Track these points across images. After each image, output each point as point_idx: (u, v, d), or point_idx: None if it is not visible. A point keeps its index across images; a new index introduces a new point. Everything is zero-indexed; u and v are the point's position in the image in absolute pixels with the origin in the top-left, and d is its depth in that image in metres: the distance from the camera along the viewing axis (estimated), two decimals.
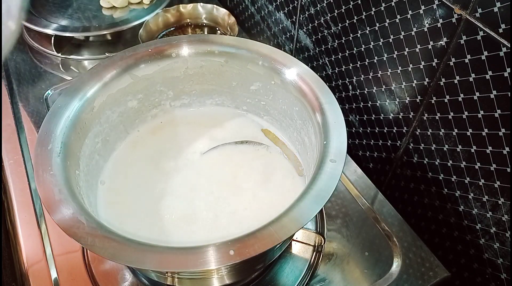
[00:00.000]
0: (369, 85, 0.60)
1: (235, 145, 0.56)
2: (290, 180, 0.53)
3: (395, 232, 0.55)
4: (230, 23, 0.79)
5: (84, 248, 0.53)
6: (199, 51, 0.55)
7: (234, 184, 0.53)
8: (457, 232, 0.55)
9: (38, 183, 0.40)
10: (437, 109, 0.50)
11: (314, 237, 0.54)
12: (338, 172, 0.41)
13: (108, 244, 0.36)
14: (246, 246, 0.36)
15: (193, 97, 0.60)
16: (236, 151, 0.56)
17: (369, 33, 0.56)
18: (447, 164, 0.52)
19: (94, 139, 0.51)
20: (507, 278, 0.50)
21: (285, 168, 0.55)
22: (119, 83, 0.52)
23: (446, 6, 0.44)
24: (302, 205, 0.39)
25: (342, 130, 0.45)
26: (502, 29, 0.40)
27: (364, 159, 0.68)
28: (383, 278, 0.51)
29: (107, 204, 0.50)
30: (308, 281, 0.52)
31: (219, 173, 0.54)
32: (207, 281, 0.48)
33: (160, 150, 0.56)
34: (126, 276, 0.51)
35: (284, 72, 0.52)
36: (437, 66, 0.48)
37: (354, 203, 0.59)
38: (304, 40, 0.71)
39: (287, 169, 0.55)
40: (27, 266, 0.52)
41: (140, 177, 0.54)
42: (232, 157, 0.56)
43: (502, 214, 0.47)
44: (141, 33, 0.76)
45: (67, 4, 0.87)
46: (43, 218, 0.56)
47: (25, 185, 0.60)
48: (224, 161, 0.55)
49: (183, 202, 0.51)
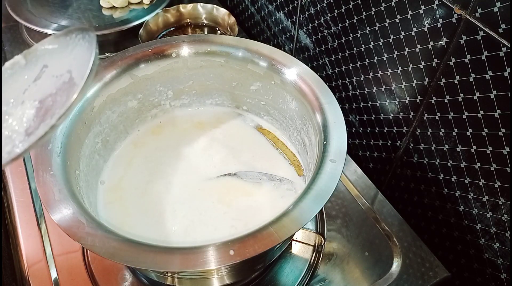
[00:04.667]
0: (369, 85, 0.60)
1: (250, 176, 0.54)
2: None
3: (395, 232, 0.55)
4: (230, 23, 0.79)
5: (84, 248, 0.53)
6: (199, 51, 0.55)
7: (235, 184, 0.53)
8: (457, 232, 0.55)
9: (38, 183, 0.41)
10: (437, 109, 0.50)
11: (314, 237, 0.54)
12: (338, 172, 0.41)
13: (108, 244, 0.36)
14: (246, 246, 0.36)
15: (193, 97, 0.60)
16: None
17: (369, 33, 0.56)
18: (447, 164, 0.52)
19: (94, 139, 0.51)
20: (507, 278, 0.50)
21: (285, 169, 0.55)
22: (119, 83, 0.52)
23: (446, 6, 0.44)
24: (302, 205, 0.39)
25: (342, 130, 0.45)
26: (502, 29, 0.40)
27: (364, 159, 0.68)
28: (383, 278, 0.51)
29: (107, 204, 0.50)
30: (308, 281, 0.52)
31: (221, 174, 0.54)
32: (207, 281, 0.48)
33: (160, 150, 0.56)
34: (126, 276, 0.51)
35: (284, 72, 0.52)
36: (437, 66, 0.48)
37: (354, 203, 0.59)
38: (304, 40, 0.71)
39: (287, 169, 0.55)
40: (27, 266, 0.52)
41: (140, 177, 0.53)
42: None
43: (502, 214, 0.47)
44: (141, 33, 0.76)
45: (67, 4, 0.87)
46: (43, 218, 0.56)
47: (25, 185, 0.60)
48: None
49: (183, 202, 0.51)
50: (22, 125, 0.30)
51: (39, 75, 0.32)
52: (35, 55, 0.33)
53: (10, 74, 0.33)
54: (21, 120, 0.30)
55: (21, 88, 0.32)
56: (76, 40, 0.32)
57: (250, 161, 0.55)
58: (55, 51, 0.33)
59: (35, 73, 0.33)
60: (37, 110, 0.30)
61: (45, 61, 0.33)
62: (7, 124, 0.30)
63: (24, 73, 0.33)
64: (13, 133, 0.30)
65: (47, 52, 0.33)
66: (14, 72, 0.33)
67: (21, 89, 0.32)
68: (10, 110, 0.31)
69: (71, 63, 0.31)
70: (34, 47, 0.34)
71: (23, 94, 0.32)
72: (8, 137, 0.30)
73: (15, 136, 0.30)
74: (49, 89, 0.31)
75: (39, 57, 0.33)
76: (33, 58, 0.33)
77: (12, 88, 0.32)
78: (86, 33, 0.32)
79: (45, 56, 0.33)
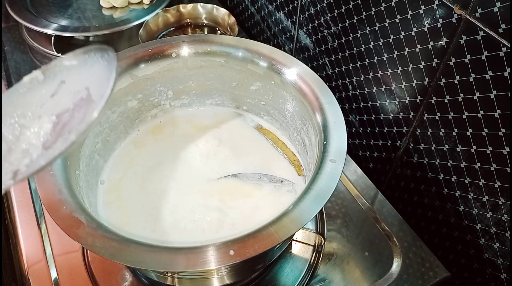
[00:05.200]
0: (369, 85, 0.60)
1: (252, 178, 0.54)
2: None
3: (395, 232, 0.55)
4: (230, 23, 0.79)
5: (84, 248, 0.53)
6: (199, 51, 0.55)
7: (235, 185, 0.53)
8: (457, 232, 0.55)
9: (38, 183, 0.41)
10: (437, 109, 0.50)
11: (314, 237, 0.54)
12: (338, 172, 0.41)
13: (108, 244, 0.36)
14: (246, 246, 0.36)
15: (193, 97, 0.60)
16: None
17: (369, 33, 0.56)
18: (447, 164, 0.52)
19: (94, 139, 0.51)
20: (507, 278, 0.50)
21: (285, 168, 0.55)
22: (119, 83, 0.52)
23: (446, 6, 0.44)
24: (302, 205, 0.39)
25: (342, 130, 0.45)
26: (502, 29, 0.40)
27: (364, 159, 0.68)
28: (383, 278, 0.51)
29: (107, 204, 0.50)
30: (308, 281, 0.52)
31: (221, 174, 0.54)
32: (207, 281, 0.48)
33: (160, 150, 0.56)
34: (126, 276, 0.51)
35: (284, 72, 0.52)
36: (437, 66, 0.48)
37: (354, 203, 0.59)
38: (304, 40, 0.71)
39: (287, 169, 0.55)
40: (27, 266, 0.52)
41: (140, 177, 0.54)
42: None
43: (502, 214, 0.47)
44: (141, 33, 0.76)
45: (67, 4, 0.87)
46: (43, 218, 0.56)
47: (25, 185, 0.60)
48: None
49: (183, 202, 0.51)
50: (39, 139, 0.31)
51: (57, 91, 0.33)
52: (54, 71, 0.34)
53: (28, 88, 0.34)
54: (39, 134, 0.31)
55: (38, 102, 0.33)
56: (95, 58, 0.33)
57: (250, 161, 0.55)
58: (73, 68, 0.34)
59: (53, 88, 0.33)
60: (54, 124, 0.31)
61: (63, 77, 0.34)
62: (25, 137, 0.31)
63: (42, 88, 0.34)
64: (30, 146, 0.30)
65: (65, 69, 0.34)
66: (32, 86, 0.34)
67: (38, 104, 0.33)
68: (28, 124, 0.32)
69: (89, 80, 0.32)
70: (53, 63, 0.34)
71: (40, 108, 0.32)
72: (25, 151, 0.30)
73: (32, 150, 0.30)
74: (67, 104, 0.32)
75: (57, 73, 0.34)
76: (51, 74, 0.34)
77: (30, 103, 0.33)
78: (105, 52, 0.32)
79: (63, 72, 0.34)
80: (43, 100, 0.33)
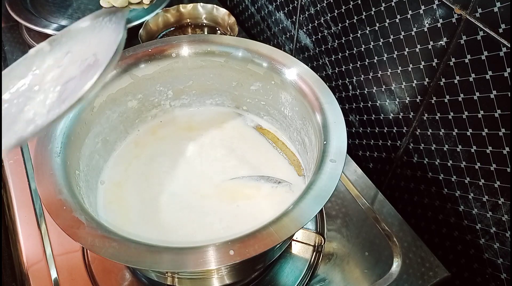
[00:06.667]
0: (369, 85, 0.60)
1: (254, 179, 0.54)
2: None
3: (395, 232, 0.55)
4: (230, 23, 0.79)
5: (84, 248, 0.53)
6: (199, 51, 0.55)
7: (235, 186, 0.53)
8: (457, 232, 0.55)
9: (38, 183, 0.40)
10: (437, 109, 0.50)
11: (314, 237, 0.54)
12: (338, 172, 0.41)
13: (108, 244, 0.36)
14: (246, 246, 0.36)
15: (193, 97, 0.60)
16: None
17: (369, 33, 0.56)
18: (447, 164, 0.52)
19: (94, 139, 0.51)
20: (507, 278, 0.50)
21: (285, 168, 0.55)
22: (119, 83, 0.52)
23: (446, 6, 0.44)
24: (302, 205, 0.39)
25: (342, 130, 0.44)
26: (502, 29, 0.40)
27: (364, 159, 0.68)
28: (383, 278, 0.51)
29: (107, 204, 0.50)
30: (308, 281, 0.52)
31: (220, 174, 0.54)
32: (207, 281, 0.48)
33: (160, 150, 0.56)
34: (126, 276, 0.51)
35: (284, 72, 0.52)
36: (437, 66, 0.48)
37: (354, 203, 0.59)
38: (304, 40, 0.71)
39: (287, 169, 0.55)
40: (27, 266, 0.52)
41: (140, 177, 0.54)
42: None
43: (502, 214, 0.47)
44: (141, 33, 0.76)
45: (67, 4, 0.87)
46: (43, 218, 0.56)
47: (25, 185, 0.60)
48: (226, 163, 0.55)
49: (183, 202, 0.51)
50: (44, 107, 0.30)
51: (63, 60, 0.32)
52: (60, 41, 0.33)
53: (34, 60, 0.33)
54: (44, 103, 0.30)
55: (45, 74, 0.32)
56: (103, 23, 0.32)
57: (250, 161, 0.55)
58: (80, 36, 0.33)
59: (59, 58, 0.33)
60: (59, 93, 0.31)
61: (69, 47, 0.33)
62: (30, 107, 0.31)
63: (48, 58, 0.33)
64: (36, 115, 0.30)
65: (72, 38, 0.33)
66: (38, 58, 0.33)
67: (44, 75, 0.32)
68: (33, 95, 0.31)
69: (97, 46, 0.31)
70: (60, 33, 0.33)
71: (46, 79, 0.32)
72: (30, 120, 0.30)
73: (38, 118, 0.30)
74: (73, 73, 0.31)
75: (64, 43, 0.33)
76: (57, 45, 0.33)
77: (36, 74, 0.32)
78: (114, 15, 0.32)
79: (70, 42, 0.33)
80: (49, 71, 0.32)
